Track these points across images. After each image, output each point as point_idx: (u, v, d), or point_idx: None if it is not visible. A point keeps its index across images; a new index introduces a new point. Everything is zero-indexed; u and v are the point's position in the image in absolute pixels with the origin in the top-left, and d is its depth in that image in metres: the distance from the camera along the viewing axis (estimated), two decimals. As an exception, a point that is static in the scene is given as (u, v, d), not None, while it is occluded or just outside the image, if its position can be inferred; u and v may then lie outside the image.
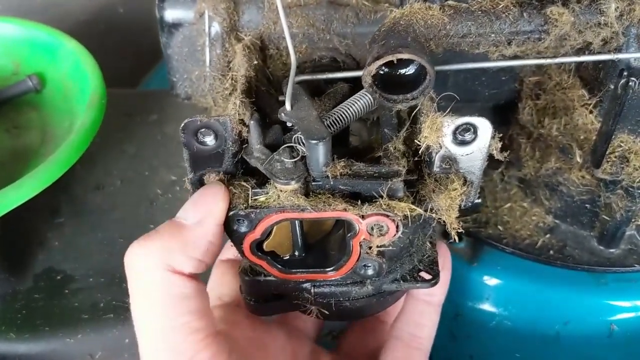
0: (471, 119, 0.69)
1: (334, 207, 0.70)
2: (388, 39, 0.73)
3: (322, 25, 0.93)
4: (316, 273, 0.78)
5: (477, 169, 0.73)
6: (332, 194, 0.71)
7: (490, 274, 1.08)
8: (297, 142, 0.73)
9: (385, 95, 0.73)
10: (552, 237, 1.10)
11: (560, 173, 1.05)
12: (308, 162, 0.71)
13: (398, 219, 0.71)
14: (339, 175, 0.71)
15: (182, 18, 0.97)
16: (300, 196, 0.70)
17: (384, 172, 0.72)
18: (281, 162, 0.70)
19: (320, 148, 0.69)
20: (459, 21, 0.79)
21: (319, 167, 0.70)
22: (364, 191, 0.72)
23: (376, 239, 0.73)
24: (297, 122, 0.73)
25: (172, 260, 0.67)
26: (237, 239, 0.74)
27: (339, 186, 0.72)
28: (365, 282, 0.80)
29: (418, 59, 0.69)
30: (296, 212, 0.71)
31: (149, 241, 0.67)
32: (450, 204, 0.73)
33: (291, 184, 0.69)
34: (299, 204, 0.70)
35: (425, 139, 0.71)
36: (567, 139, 0.99)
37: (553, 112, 1.01)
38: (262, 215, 0.71)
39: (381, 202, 0.70)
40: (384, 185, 0.71)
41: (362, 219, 0.71)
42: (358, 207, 0.70)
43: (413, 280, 0.82)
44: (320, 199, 0.71)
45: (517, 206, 1.15)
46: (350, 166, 0.72)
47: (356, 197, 0.72)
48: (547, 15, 0.79)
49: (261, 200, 0.71)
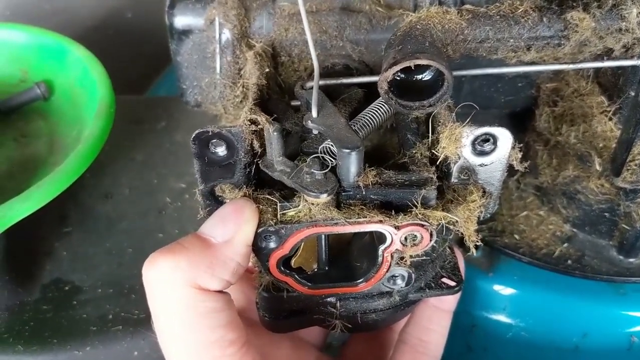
0: (491, 129, 0.67)
1: (369, 219, 0.67)
2: (405, 43, 0.71)
3: (334, 31, 0.91)
4: (344, 286, 0.76)
5: (496, 180, 0.71)
6: (365, 205, 0.69)
7: (507, 284, 1.06)
8: (325, 152, 0.71)
9: (402, 102, 0.71)
10: (569, 246, 1.08)
11: (578, 181, 1.03)
12: (339, 171, 0.68)
13: (433, 228, 0.69)
14: (370, 184, 0.69)
15: (192, 25, 0.95)
16: (333, 209, 0.68)
17: (414, 180, 0.70)
18: (311, 173, 0.68)
19: (354, 157, 0.66)
20: (477, 26, 0.77)
21: (351, 177, 0.68)
22: (396, 200, 0.69)
23: (409, 249, 0.71)
24: (326, 129, 0.70)
25: (198, 278, 0.64)
26: (263, 256, 0.71)
27: (370, 196, 0.69)
28: (393, 292, 0.78)
29: (436, 65, 0.67)
30: (329, 225, 0.68)
31: (174, 256, 0.64)
32: (468, 216, 0.71)
33: (324, 197, 0.67)
34: (332, 217, 0.67)
35: (443, 150, 0.69)
36: (586, 147, 0.97)
37: (571, 119, 0.99)
38: (292, 231, 0.68)
39: (416, 212, 0.68)
40: (417, 193, 0.68)
41: (396, 229, 0.68)
42: (393, 218, 0.68)
43: (438, 287, 0.80)
44: (353, 210, 0.68)
45: (533, 215, 1.13)
46: (381, 174, 0.70)
47: (387, 206, 0.69)
48: (567, 20, 0.77)
49: (291, 215, 0.68)
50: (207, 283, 0.65)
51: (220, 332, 0.65)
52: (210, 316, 0.65)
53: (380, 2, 0.92)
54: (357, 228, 0.68)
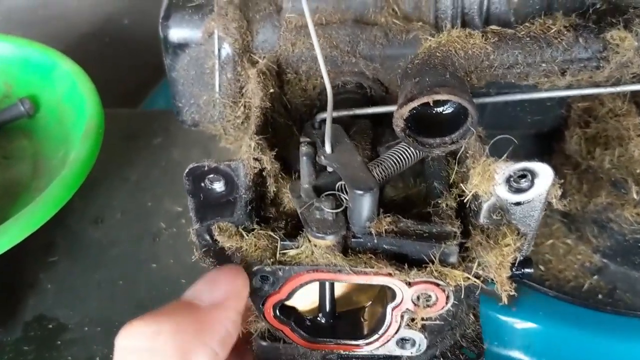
0: (529, 165, 0.58)
1: (377, 270, 0.60)
2: (423, 75, 0.63)
3: (346, 46, 0.83)
4: (346, 344, 0.69)
5: (533, 220, 0.62)
6: (374, 254, 0.61)
7: (531, 319, 0.99)
8: (342, 190, 0.63)
9: (420, 139, 0.63)
10: (600, 278, 1.01)
11: (611, 209, 0.95)
12: (349, 214, 0.60)
13: (449, 289, 0.61)
14: (384, 232, 0.61)
15: (188, 38, 0.88)
16: (338, 254, 0.60)
17: (435, 232, 0.62)
18: (320, 210, 0.60)
19: (366, 200, 0.59)
20: (505, 50, 0.69)
21: (362, 222, 0.60)
22: (412, 253, 0.61)
23: (422, 310, 0.63)
24: (340, 167, 0.63)
25: (186, 345, 0.55)
26: (258, 298, 0.64)
27: (383, 245, 0.61)
28: (402, 358, 0.70)
29: (458, 100, 0.59)
30: (331, 272, 0.61)
31: (156, 319, 0.55)
32: (501, 262, 0.62)
33: (327, 238, 0.59)
34: (336, 263, 0.60)
35: (474, 187, 0.60)
36: (621, 173, 0.90)
37: (605, 141, 0.92)
38: (290, 274, 0.61)
39: (432, 268, 0.60)
40: (436, 248, 0.60)
41: (408, 286, 0.61)
42: (405, 272, 0.60)
43: (455, 357, 0.72)
44: (360, 259, 0.60)
45: (560, 243, 1.05)
46: (397, 223, 0.62)
47: (401, 259, 0.61)
48: (606, 40, 0.70)
49: (291, 255, 0.61)
50: (195, 351, 0.55)
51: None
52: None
53: (397, 14, 0.84)
54: (363, 279, 0.61)
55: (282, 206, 0.68)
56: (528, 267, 0.69)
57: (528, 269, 0.69)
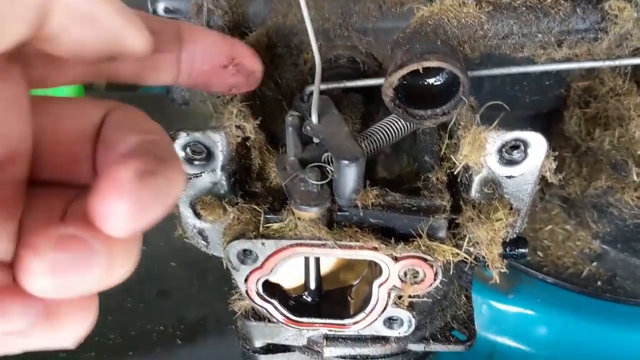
0: (522, 134, 0.56)
1: (362, 244, 0.58)
2: (413, 42, 0.61)
3: (339, 19, 0.81)
4: (332, 323, 0.67)
5: (526, 194, 0.61)
6: (360, 228, 0.59)
7: (529, 307, 0.97)
8: (328, 162, 0.61)
9: (411, 110, 0.61)
10: (599, 265, 0.99)
11: (611, 193, 0.93)
12: (335, 186, 0.58)
13: (438, 264, 0.59)
14: (371, 205, 0.59)
15: (177, 10, 0.85)
16: (322, 227, 0.58)
17: (424, 206, 0.60)
18: (305, 182, 0.58)
19: (352, 170, 0.57)
20: (499, 19, 0.67)
21: (348, 193, 0.58)
22: (399, 227, 0.59)
23: (409, 287, 0.61)
24: (326, 137, 0.60)
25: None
26: (240, 274, 0.62)
27: (369, 219, 0.59)
28: (390, 339, 0.68)
29: (449, 67, 0.57)
30: (315, 246, 0.59)
31: None
32: (492, 237, 0.60)
33: (311, 210, 0.57)
34: (320, 237, 0.58)
35: (464, 158, 0.58)
36: (622, 154, 0.88)
37: (605, 122, 0.89)
38: (273, 248, 0.59)
39: (419, 242, 0.58)
40: (424, 222, 0.58)
41: (394, 261, 0.58)
42: (391, 246, 0.58)
43: (445, 340, 0.70)
44: (345, 232, 0.59)
45: (559, 229, 1.03)
46: (384, 196, 0.60)
47: (388, 233, 0.59)
48: (605, 10, 0.67)
49: (274, 229, 0.59)
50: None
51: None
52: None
53: (392, -14, 0.82)
54: (347, 253, 0.59)
55: (269, 181, 0.66)
56: (522, 247, 0.67)
57: (522, 249, 0.67)
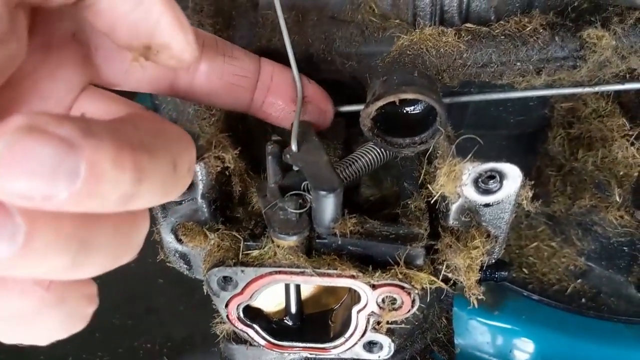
0: (497, 165, 0.57)
1: (340, 272, 0.59)
2: (391, 74, 0.62)
3: (322, 44, 0.81)
4: (312, 348, 0.68)
5: (503, 222, 0.61)
6: (339, 256, 0.60)
7: (515, 323, 0.97)
8: (307, 190, 0.62)
9: (389, 139, 0.62)
10: (584, 282, 0.99)
11: (595, 212, 0.94)
12: (314, 215, 0.59)
13: (415, 292, 0.59)
14: (349, 233, 0.60)
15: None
16: (301, 255, 0.59)
17: (402, 234, 0.61)
18: (284, 210, 0.60)
19: (330, 201, 0.58)
20: (478, 48, 0.67)
21: (326, 222, 0.59)
22: (377, 255, 0.60)
23: (387, 314, 0.62)
24: (305, 166, 0.61)
25: None
26: (221, 300, 0.63)
27: (347, 247, 0.60)
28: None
29: (425, 99, 0.58)
30: (294, 274, 0.60)
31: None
32: (470, 264, 0.61)
33: (289, 239, 0.58)
34: (298, 264, 0.59)
35: (440, 188, 0.59)
36: (605, 175, 0.88)
37: (588, 142, 0.90)
38: (253, 275, 0.60)
39: (397, 270, 0.59)
40: (402, 250, 0.59)
41: (372, 288, 0.59)
42: (368, 274, 0.59)
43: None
44: (324, 260, 0.59)
45: (544, 246, 1.03)
46: (363, 224, 0.61)
47: (367, 261, 0.60)
48: (583, 38, 0.68)
49: (254, 256, 0.60)
50: None
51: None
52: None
53: (375, 11, 0.82)
54: (326, 281, 0.60)
55: (250, 206, 0.67)
56: (503, 270, 0.67)
57: (502, 272, 0.67)
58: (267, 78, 0.66)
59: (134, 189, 0.39)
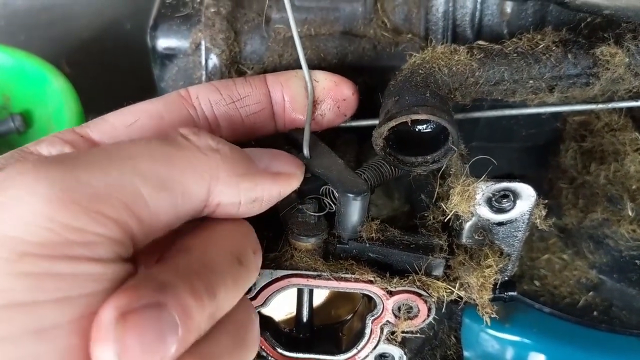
0: (510, 185, 0.57)
1: (358, 277, 0.59)
2: (403, 93, 0.61)
3: (334, 59, 0.82)
4: (322, 359, 0.67)
5: (516, 240, 0.61)
6: (357, 261, 0.60)
7: (525, 336, 0.94)
8: (326, 195, 0.62)
9: (401, 157, 0.61)
10: (596, 295, 0.98)
11: (607, 225, 0.93)
12: (339, 219, 0.60)
13: (432, 300, 0.60)
14: (371, 239, 0.60)
15: (176, 48, 0.86)
16: (319, 258, 0.59)
17: (422, 244, 0.61)
18: (303, 213, 0.60)
19: (358, 204, 0.58)
20: (491, 66, 0.67)
21: (353, 226, 0.59)
22: (397, 263, 0.61)
23: (403, 323, 0.62)
24: (324, 171, 0.62)
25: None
26: None
27: (368, 253, 0.60)
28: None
29: (437, 120, 0.58)
30: (310, 277, 0.60)
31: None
32: (483, 283, 0.61)
33: (307, 241, 0.59)
34: (316, 267, 0.59)
35: (454, 207, 0.59)
36: (617, 189, 0.88)
37: (600, 156, 0.89)
38: (269, 278, 0.60)
39: (415, 278, 0.59)
40: (423, 260, 0.60)
41: (389, 295, 0.60)
42: (386, 280, 0.59)
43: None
44: (342, 264, 0.60)
45: (556, 258, 1.02)
46: (384, 231, 0.61)
47: (384, 268, 0.61)
48: (596, 56, 0.67)
49: (270, 258, 0.60)
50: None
51: None
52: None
53: (387, 26, 0.82)
54: (343, 286, 0.60)
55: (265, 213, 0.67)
56: (511, 290, 0.67)
57: (511, 292, 0.67)
58: (279, 97, 0.67)
59: (213, 305, 0.45)
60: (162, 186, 0.45)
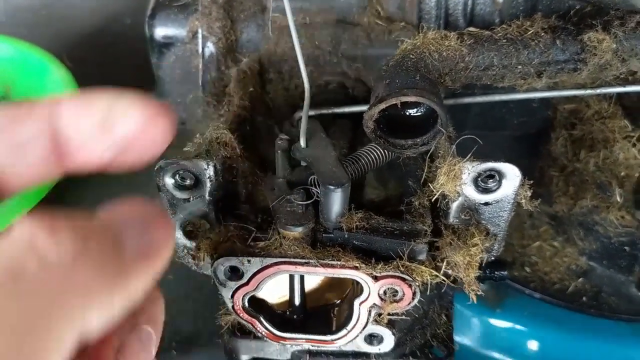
0: (496, 165, 0.58)
1: (344, 263, 0.60)
2: (394, 77, 0.63)
3: (328, 47, 0.83)
4: (315, 340, 0.69)
5: (502, 220, 0.63)
6: (343, 248, 0.61)
7: (516, 321, 0.97)
8: (314, 184, 0.63)
9: (392, 140, 0.63)
10: (585, 281, 0.99)
11: (596, 212, 0.94)
12: (321, 208, 0.61)
13: (416, 284, 0.61)
14: (355, 228, 0.61)
15: (173, 37, 0.88)
16: (306, 246, 0.61)
17: (406, 230, 0.62)
18: (291, 203, 0.61)
19: (338, 195, 0.59)
20: (480, 52, 0.68)
21: (333, 217, 0.61)
22: (381, 250, 0.62)
23: (388, 306, 0.63)
24: (313, 162, 0.63)
25: None
26: (227, 290, 0.64)
27: (352, 241, 0.62)
28: (370, 355, 0.71)
29: (426, 102, 0.59)
30: (299, 264, 0.61)
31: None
32: (469, 261, 0.62)
33: (295, 230, 0.60)
34: (303, 255, 0.60)
35: (441, 187, 0.60)
36: (606, 175, 0.89)
37: (590, 144, 0.91)
38: (259, 265, 0.62)
39: (398, 263, 0.60)
40: (406, 245, 0.61)
41: (374, 280, 0.61)
42: (371, 266, 0.60)
43: (424, 357, 0.72)
44: (328, 252, 0.61)
45: (546, 245, 1.04)
46: (369, 219, 0.62)
47: (370, 255, 0.62)
48: (584, 42, 0.69)
49: (260, 247, 0.62)
50: None
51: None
52: None
53: (381, 14, 0.84)
54: (330, 272, 0.61)
55: (258, 204, 0.69)
56: (501, 270, 0.69)
57: (501, 272, 0.68)
58: None
59: None
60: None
